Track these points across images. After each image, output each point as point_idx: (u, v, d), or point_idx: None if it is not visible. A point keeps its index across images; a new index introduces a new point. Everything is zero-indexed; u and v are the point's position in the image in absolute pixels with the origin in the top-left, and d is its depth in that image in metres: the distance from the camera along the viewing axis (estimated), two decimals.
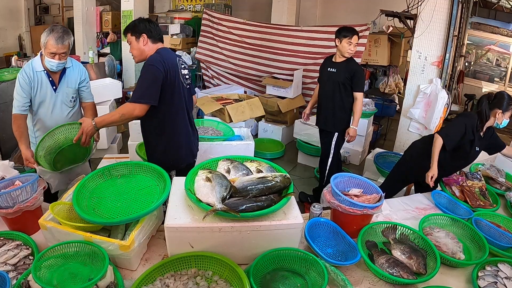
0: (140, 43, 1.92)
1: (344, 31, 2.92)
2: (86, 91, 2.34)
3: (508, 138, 5.72)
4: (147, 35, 1.91)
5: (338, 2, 7.29)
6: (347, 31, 2.92)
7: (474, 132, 2.25)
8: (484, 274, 1.47)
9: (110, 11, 7.02)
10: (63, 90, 2.22)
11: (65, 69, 2.21)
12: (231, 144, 3.02)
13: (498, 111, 2.21)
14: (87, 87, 2.34)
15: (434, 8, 3.50)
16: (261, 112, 4.11)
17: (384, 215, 1.88)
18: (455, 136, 2.25)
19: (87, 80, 2.33)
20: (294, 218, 1.42)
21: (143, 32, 1.91)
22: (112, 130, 4.53)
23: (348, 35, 2.89)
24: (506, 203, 2.15)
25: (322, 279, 1.35)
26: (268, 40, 5.45)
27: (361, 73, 3.00)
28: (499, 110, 2.20)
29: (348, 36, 2.89)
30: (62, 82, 2.21)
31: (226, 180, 1.48)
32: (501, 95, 2.24)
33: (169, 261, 1.38)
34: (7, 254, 1.41)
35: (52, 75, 2.16)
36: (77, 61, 2.33)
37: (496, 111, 2.22)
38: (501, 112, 2.20)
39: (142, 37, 1.91)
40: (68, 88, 2.24)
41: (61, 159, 2.04)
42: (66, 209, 1.55)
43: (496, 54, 6.81)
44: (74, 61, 2.29)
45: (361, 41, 4.64)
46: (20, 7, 7.95)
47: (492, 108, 2.23)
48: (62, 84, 2.21)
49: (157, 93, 1.85)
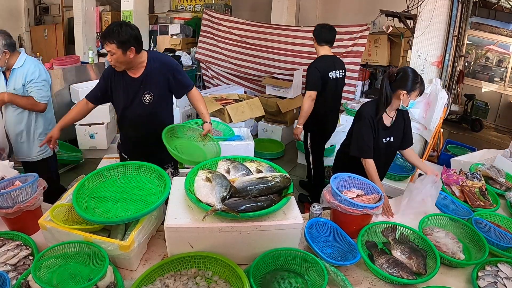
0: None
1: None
2: (31, 91, 2.40)
3: (508, 138, 5.73)
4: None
5: (338, 2, 7.29)
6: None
7: (374, 125, 1.98)
8: (484, 274, 1.47)
9: (110, 11, 7.03)
10: (9, 89, 2.38)
11: (15, 68, 2.35)
12: (231, 144, 3.02)
13: (402, 92, 1.89)
14: (32, 87, 2.39)
15: (434, 8, 3.50)
16: (261, 112, 4.11)
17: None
18: (367, 144, 1.98)
19: (34, 81, 2.39)
20: (294, 218, 1.42)
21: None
22: (112, 130, 4.53)
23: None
24: (506, 203, 2.15)
25: (322, 279, 1.35)
26: (268, 40, 5.45)
27: (309, 71, 2.96)
28: (403, 91, 1.89)
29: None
30: (10, 81, 2.38)
31: (226, 180, 1.48)
32: (404, 72, 1.90)
33: (169, 261, 1.38)
34: (7, 254, 1.41)
35: (6, 73, 2.39)
36: (34, 62, 2.45)
37: (399, 92, 1.90)
38: (405, 93, 1.89)
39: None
40: (14, 89, 2.37)
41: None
42: (65, 210, 1.55)
43: (496, 54, 6.81)
44: (28, 62, 2.40)
45: (361, 41, 4.66)
46: (20, 7, 7.95)
47: (395, 89, 1.91)
48: (10, 83, 2.38)
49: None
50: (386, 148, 2.10)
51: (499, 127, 6.87)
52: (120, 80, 2.06)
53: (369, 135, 2.00)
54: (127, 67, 2.00)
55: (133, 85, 2.05)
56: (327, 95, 3.01)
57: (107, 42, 1.86)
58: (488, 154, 2.92)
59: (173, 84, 2.11)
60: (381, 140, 2.06)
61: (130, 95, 2.07)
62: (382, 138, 2.06)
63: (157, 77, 2.06)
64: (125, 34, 1.84)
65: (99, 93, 2.14)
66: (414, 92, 1.91)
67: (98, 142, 4.32)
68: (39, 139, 2.54)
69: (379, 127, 2.02)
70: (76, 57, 4.87)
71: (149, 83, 2.05)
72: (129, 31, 1.87)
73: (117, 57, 1.89)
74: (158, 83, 2.07)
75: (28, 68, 2.38)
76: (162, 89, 2.10)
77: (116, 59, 1.90)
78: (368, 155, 2.00)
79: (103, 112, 4.21)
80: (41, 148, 2.54)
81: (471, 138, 5.97)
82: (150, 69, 2.04)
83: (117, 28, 1.84)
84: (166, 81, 2.09)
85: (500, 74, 6.81)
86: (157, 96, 2.08)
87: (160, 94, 2.10)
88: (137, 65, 2.01)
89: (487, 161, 2.60)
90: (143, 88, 2.05)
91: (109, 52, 1.89)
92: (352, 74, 4.82)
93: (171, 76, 2.08)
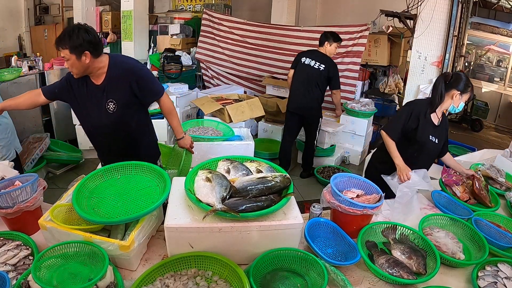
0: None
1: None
2: None
3: (508, 138, 5.73)
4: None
5: (338, 2, 7.29)
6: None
7: (421, 118, 2.09)
8: (484, 274, 1.47)
9: (110, 11, 7.02)
10: None
11: None
12: (231, 144, 3.02)
13: (456, 92, 2.03)
14: None
15: (434, 8, 3.50)
16: (261, 112, 4.11)
17: (384, 215, 1.87)
18: (396, 125, 2.13)
19: None
20: (294, 218, 1.42)
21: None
22: None
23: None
24: (506, 203, 2.15)
25: (322, 279, 1.35)
26: (268, 40, 5.45)
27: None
28: (456, 91, 2.03)
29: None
30: None
31: (226, 180, 1.48)
32: (459, 76, 2.07)
33: (169, 261, 1.38)
34: (7, 254, 1.41)
35: None
36: None
37: (453, 92, 2.04)
38: (459, 93, 2.04)
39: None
40: None
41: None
42: (65, 210, 1.55)
43: (496, 54, 6.81)
44: None
45: (361, 41, 4.66)
46: (20, 7, 7.95)
47: (449, 89, 2.06)
48: None
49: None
50: (432, 148, 2.19)
51: (499, 127, 6.87)
52: (84, 86, 1.93)
53: (404, 121, 2.12)
54: (85, 73, 1.87)
55: (96, 93, 1.92)
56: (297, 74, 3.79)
57: (60, 48, 1.76)
58: (488, 154, 2.92)
59: (137, 91, 1.94)
60: (428, 137, 2.14)
61: (93, 103, 1.94)
62: (429, 135, 2.14)
63: (119, 84, 1.91)
64: (77, 38, 1.74)
65: (57, 90, 2.00)
66: (465, 95, 2.06)
67: None
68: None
69: (428, 123, 2.12)
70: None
71: (112, 90, 1.91)
72: (83, 35, 1.75)
73: (72, 62, 1.78)
74: (120, 90, 1.92)
75: None
76: (125, 96, 1.94)
77: (71, 64, 1.80)
78: (393, 135, 2.13)
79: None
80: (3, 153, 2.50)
81: (471, 138, 5.97)
82: (111, 75, 1.90)
83: (70, 33, 1.74)
84: (129, 88, 1.92)
85: (500, 74, 6.81)
86: (120, 104, 1.93)
87: (125, 102, 1.94)
88: (96, 71, 1.88)
89: (487, 161, 2.60)
90: (106, 96, 1.92)
91: (64, 58, 1.79)
92: (352, 74, 4.82)
93: (134, 83, 1.92)
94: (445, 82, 2.08)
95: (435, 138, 2.16)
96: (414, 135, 2.13)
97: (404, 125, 2.13)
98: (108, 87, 1.91)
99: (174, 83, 4.99)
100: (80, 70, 1.83)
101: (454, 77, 2.07)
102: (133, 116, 2.03)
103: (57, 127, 4.48)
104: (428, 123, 2.13)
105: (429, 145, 2.16)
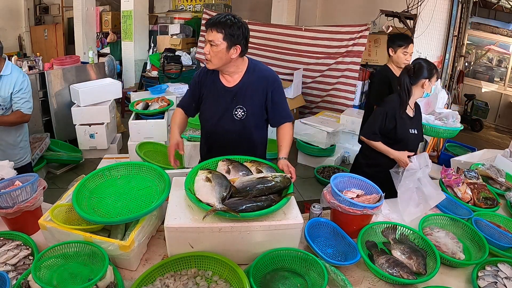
0: None
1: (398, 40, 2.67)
2: (18, 102, 2.33)
3: (508, 138, 5.73)
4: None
5: (338, 2, 7.29)
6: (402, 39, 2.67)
7: (397, 117, 2.12)
8: (484, 274, 1.47)
9: (110, 11, 7.04)
10: None
11: (2, 76, 2.26)
12: None
13: (424, 81, 2.09)
14: (20, 98, 2.33)
15: (434, 8, 3.51)
16: None
17: (384, 215, 1.87)
18: (373, 128, 2.16)
19: (22, 91, 2.33)
20: (294, 218, 1.42)
21: None
22: (112, 130, 4.53)
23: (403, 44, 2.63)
24: (506, 203, 2.15)
25: (322, 279, 1.35)
26: (269, 40, 5.46)
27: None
28: (424, 79, 2.09)
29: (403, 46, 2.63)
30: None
31: (226, 180, 1.48)
32: (420, 64, 2.10)
33: (169, 261, 1.38)
34: (7, 254, 1.41)
35: None
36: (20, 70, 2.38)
37: (421, 82, 2.10)
38: (427, 80, 2.09)
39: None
40: (0, 96, 2.28)
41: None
42: (65, 210, 1.55)
43: (496, 54, 6.81)
44: (15, 70, 2.33)
45: (361, 41, 4.66)
46: (20, 7, 7.96)
47: (416, 80, 2.10)
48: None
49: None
50: (414, 140, 2.22)
51: (499, 127, 6.87)
52: (212, 87, 1.79)
53: (381, 123, 2.15)
54: (222, 68, 1.73)
55: (225, 96, 1.78)
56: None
57: (214, 30, 1.59)
58: (488, 154, 2.92)
59: (269, 105, 1.81)
60: (408, 131, 2.18)
61: (220, 107, 1.80)
62: (409, 129, 2.18)
63: (253, 91, 1.78)
64: (238, 29, 1.61)
65: (193, 104, 1.89)
66: (433, 78, 2.11)
67: (98, 142, 4.32)
68: (19, 147, 2.51)
69: (405, 117, 2.16)
70: (76, 57, 4.87)
71: (242, 96, 1.77)
72: (243, 29, 1.64)
73: (219, 50, 1.63)
74: (252, 97, 1.78)
75: (17, 76, 2.30)
76: (256, 105, 1.80)
77: (216, 52, 1.63)
78: (374, 138, 2.18)
79: (103, 112, 4.22)
80: (21, 156, 2.51)
81: (471, 138, 5.97)
82: (247, 79, 1.77)
83: (232, 20, 1.60)
84: (263, 98, 1.79)
85: (500, 74, 6.81)
86: (250, 112, 1.79)
87: (253, 111, 1.80)
88: (233, 71, 1.76)
89: (487, 161, 2.60)
90: (235, 101, 1.78)
91: (210, 42, 1.62)
92: (352, 74, 4.83)
93: (269, 93, 1.79)
94: (409, 76, 2.11)
95: (414, 129, 2.21)
96: (394, 134, 2.17)
97: (381, 127, 2.15)
98: (240, 92, 1.78)
99: (174, 83, 5.00)
100: (221, 62, 1.69)
101: (416, 67, 2.10)
102: (259, 127, 1.90)
103: (57, 127, 4.47)
104: (405, 118, 2.17)
105: (411, 138, 2.21)
